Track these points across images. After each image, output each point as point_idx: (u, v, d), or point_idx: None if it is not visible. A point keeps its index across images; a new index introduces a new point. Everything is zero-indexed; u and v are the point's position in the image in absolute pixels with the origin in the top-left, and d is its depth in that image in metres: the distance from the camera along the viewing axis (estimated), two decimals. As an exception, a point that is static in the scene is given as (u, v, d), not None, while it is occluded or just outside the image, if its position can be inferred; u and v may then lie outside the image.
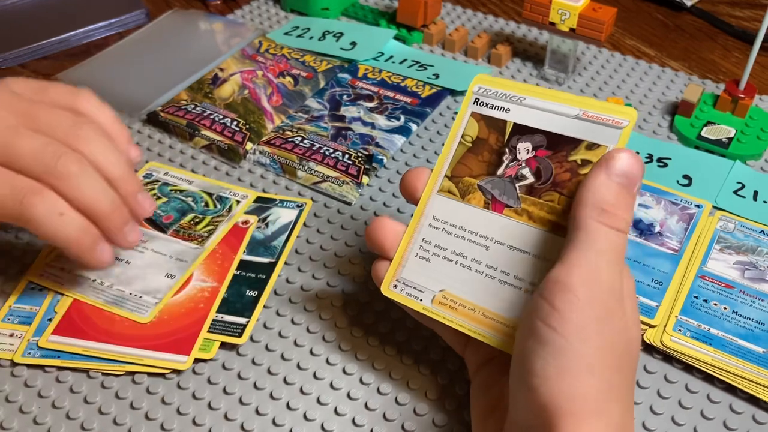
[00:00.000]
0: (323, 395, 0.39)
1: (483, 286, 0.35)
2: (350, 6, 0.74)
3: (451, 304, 0.36)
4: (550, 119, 0.36)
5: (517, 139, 0.36)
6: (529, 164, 0.36)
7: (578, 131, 0.35)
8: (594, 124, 0.35)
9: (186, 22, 0.71)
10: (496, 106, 0.37)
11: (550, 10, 0.59)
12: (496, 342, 0.34)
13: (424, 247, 0.37)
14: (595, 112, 0.35)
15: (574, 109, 0.35)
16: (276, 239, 0.48)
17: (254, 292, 0.44)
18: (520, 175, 0.36)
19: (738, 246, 0.46)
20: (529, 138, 0.36)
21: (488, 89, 0.38)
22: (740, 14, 0.74)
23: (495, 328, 0.34)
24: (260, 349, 0.42)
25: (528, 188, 0.35)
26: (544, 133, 0.36)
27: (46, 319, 0.42)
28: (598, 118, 0.34)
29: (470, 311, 0.35)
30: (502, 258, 0.35)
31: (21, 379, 0.40)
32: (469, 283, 0.36)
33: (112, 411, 0.39)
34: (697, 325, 0.42)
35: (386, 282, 0.38)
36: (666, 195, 0.50)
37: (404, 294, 0.37)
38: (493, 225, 0.36)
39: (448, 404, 0.39)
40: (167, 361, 0.40)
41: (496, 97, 0.37)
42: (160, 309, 0.43)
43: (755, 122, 0.57)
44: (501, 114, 0.37)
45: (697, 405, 0.39)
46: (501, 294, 0.35)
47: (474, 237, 0.36)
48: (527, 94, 0.37)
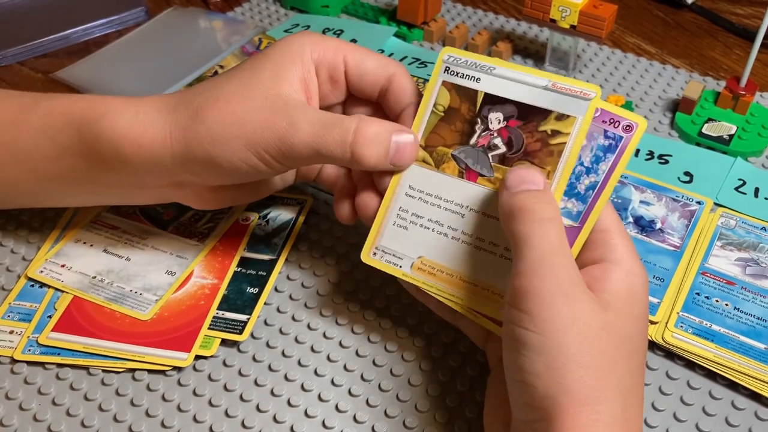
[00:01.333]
0: (324, 392, 0.39)
1: (459, 252, 0.37)
2: (350, 3, 0.73)
3: (429, 269, 0.37)
4: (521, 90, 0.37)
5: (489, 109, 0.37)
6: (500, 134, 0.37)
7: (548, 102, 0.36)
8: (563, 95, 0.36)
9: (186, 20, 0.71)
10: (467, 75, 0.38)
11: (550, 7, 0.59)
12: (474, 305, 0.36)
13: (402, 215, 0.38)
14: (564, 83, 0.36)
15: (543, 80, 0.36)
16: (277, 236, 0.48)
17: (255, 289, 0.44)
18: (493, 145, 0.37)
19: (739, 243, 0.46)
20: (501, 108, 0.37)
21: (458, 58, 0.38)
22: (741, 11, 0.74)
23: (472, 291, 0.36)
24: (261, 346, 0.42)
25: (500, 157, 0.37)
26: (515, 104, 0.37)
27: (46, 316, 0.42)
28: (567, 90, 0.36)
29: (448, 276, 0.37)
30: (477, 225, 0.37)
31: (21, 376, 0.40)
32: (446, 250, 0.37)
33: (112, 408, 0.39)
34: (698, 322, 0.42)
35: (366, 250, 0.39)
36: (667, 192, 0.50)
37: (384, 261, 0.38)
38: (468, 193, 0.37)
39: (450, 401, 0.39)
40: (168, 358, 0.40)
41: (467, 66, 0.38)
42: (161, 306, 0.43)
43: (756, 119, 0.57)
44: (472, 83, 0.38)
45: (699, 402, 0.39)
46: (477, 259, 0.36)
47: (450, 205, 0.37)
48: (497, 64, 0.37)
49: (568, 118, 0.35)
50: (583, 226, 0.35)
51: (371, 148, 0.36)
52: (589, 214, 0.35)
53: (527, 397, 0.30)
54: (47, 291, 0.44)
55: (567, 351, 0.29)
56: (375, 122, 0.37)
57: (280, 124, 0.36)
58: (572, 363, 0.29)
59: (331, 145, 0.36)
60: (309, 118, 0.36)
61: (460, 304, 0.37)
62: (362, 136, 0.36)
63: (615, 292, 0.32)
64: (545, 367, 0.29)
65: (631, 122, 0.35)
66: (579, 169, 0.35)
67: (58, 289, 0.44)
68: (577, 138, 0.35)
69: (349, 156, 0.36)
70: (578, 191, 0.35)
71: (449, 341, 0.42)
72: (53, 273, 0.45)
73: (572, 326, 0.29)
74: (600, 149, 0.35)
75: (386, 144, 0.37)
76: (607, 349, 0.30)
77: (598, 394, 0.29)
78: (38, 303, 0.43)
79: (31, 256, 0.47)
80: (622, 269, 0.33)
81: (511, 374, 0.31)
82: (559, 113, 0.36)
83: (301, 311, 0.44)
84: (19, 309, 0.43)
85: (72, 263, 0.45)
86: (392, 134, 0.37)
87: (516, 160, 0.36)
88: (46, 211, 0.50)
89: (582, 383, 0.29)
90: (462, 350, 0.41)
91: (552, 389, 0.29)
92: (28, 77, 0.65)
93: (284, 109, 0.36)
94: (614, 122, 0.35)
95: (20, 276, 0.45)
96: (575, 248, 0.34)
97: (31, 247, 0.47)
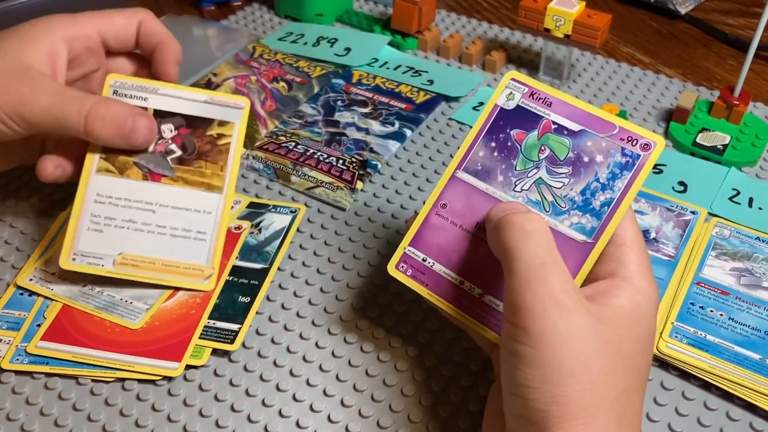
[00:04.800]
0: (316, 402, 0.39)
1: (157, 242, 0.43)
2: (345, 12, 0.73)
3: (132, 262, 0.42)
4: (186, 105, 0.45)
5: (160, 122, 0.44)
6: (174, 141, 0.44)
7: (210, 113, 0.45)
8: (221, 107, 0.45)
9: (179, 28, 0.71)
10: (135, 96, 0.44)
11: (544, 17, 0.59)
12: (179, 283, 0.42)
13: (94, 220, 0.43)
14: (221, 97, 0.45)
15: (203, 96, 0.45)
16: (269, 245, 0.47)
17: (247, 298, 0.44)
18: (169, 150, 0.44)
19: (734, 252, 0.46)
20: (170, 120, 0.44)
21: (124, 82, 0.44)
22: (734, 22, 0.74)
23: (176, 272, 0.42)
24: (252, 355, 0.41)
25: (178, 160, 0.44)
26: (183, 116, 0.45)
27: (35, 324, 0.42)
28: (224, 102, 0.45)
29: (150, 264, 0.42)
30: (169, 217, 0.43)
31: (8, 386, 0.39)
32: (145, 242, 0.43)
33: (101, 418, 0.38)
34: (693, 332, 0.41)
35: (63, 259, 0.42)
36: (661, 201, 0.50)
37: (85, 263, 0.42)
38: (155, 192, 0.43)
39: (442, 411, 0.39)
40: (158, 368, 0.40)
41: (133, 88, 0.44)
42: (151, 315, 0.42)
43: (750, 129, 0.57)
44: (140, 102, 0.44)
45: (694, 413, 0.39)
46: (174, 245, 0.43)
47: (140, 205, 0.43)
48: (160, 85, 0.44)
49: (228, 123, 0.45)
50: (597, 242, 0.34)
51: (105, 123, 0.41)
52: (603, 230, 0.34)
53: (521, 410, 0.30)
54: (36, 299, 0.43)
55: (562, 365, 0.29)
56: (113, 103, 0.42)
57: (23, 90, 0.40)
58: (567, 378, 0.29)
59: (68, 115, 0.40)
60: (51, 89, 0.41)
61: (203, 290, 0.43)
62: (97, 111, 0.41)
63: (618, 309, 0.31)
64: (540, 381, 0.29)
65: (649, 141, 0.35)
66: (594, 185, 0.35)
67: (48, 297, 0.43)
68: (238, 138, 0.45)
69: (83, 128, 0.41)
70: (593, 207, 0.35)
71: (442, 351, 0.41)
72: (42, 282, 0.44)
73: (568, 340, 0.29)
74: (617, 166, 0.35)
75: (120, 123, 0.41)
76: (604, 365, 0.29)
77: (592, 409, 0.29)
78: (27, 312, 0.43)
79: (20, 265, 0.46)
80: (631, 287, 0.32)
81: (507, 387, 0.31)
82: (220, 120, 0.45)
83: (293, 321, 0.43)
84: (8, 318, 0.42)
85: (62, 271, 0.44)
86: (129, 117, 0.42)
87: (193, 160, 0.44)
88: (37, 219, 0.49)
89: (576, 398, 0.29)
90: (456, 359, 0.41)
91: (545, 403, 0.29)
92: (20, 84, 0.64)
93: (27, 77, 0.41)
94: (632, 140, 0.35)
95: (9, 284, 0.45)
96: (588, 264, 0.34)
97: (21, 255, 0.47)
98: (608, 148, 0.35)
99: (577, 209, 0.35)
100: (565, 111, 0.36)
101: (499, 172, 0.37)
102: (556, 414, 0.29)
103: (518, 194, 0.36)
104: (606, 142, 0.35)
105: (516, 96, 0.38)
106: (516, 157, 0.37)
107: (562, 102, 0.37)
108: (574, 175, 0.35)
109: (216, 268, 0.42)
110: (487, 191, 0.37)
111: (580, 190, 0.35)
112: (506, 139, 0.37)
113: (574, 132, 0.36)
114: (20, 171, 0.54)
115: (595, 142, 0.36)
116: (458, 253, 0.37)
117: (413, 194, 0.52)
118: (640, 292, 0.32)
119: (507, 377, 0.31)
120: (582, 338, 0.29)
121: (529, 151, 0.37)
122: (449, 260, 0.37)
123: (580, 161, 0.36)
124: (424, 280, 0.38)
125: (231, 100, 0.45)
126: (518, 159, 0.37)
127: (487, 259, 0.36)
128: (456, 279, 0.37)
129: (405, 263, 0.38)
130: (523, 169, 0.36)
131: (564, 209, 0.35)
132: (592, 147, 0.36)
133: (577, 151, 0.36)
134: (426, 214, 0.38)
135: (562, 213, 0.35)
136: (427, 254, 0.38)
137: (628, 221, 0.34)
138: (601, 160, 0.35)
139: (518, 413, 0.30)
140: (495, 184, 0.37)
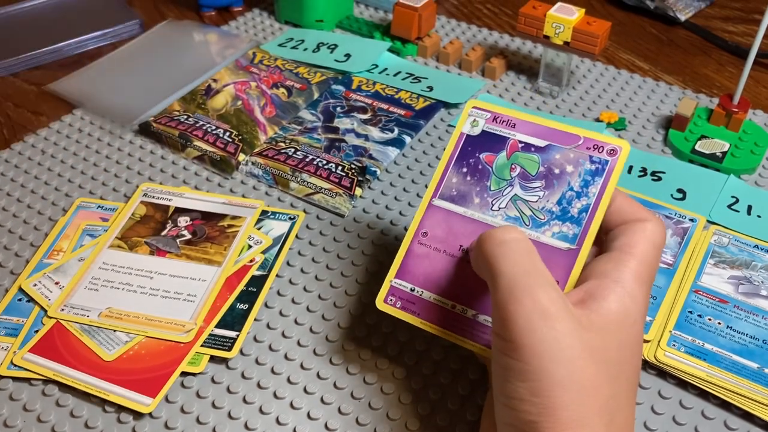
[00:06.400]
0: (313, 410, 0.39)
1: (147, 301, 0.44)
2: (345, 18, 0.74)
3: (117, 316, 0.43)
4: (205, 204, 0.51)
5: (178, 215, 0.49)
6: (187, 229, 0.48)
7: (225, 210, 0.50)
8: (237, 206, 0.50)
9: (180, 33, 0.71)
10: (161, 197, 0.51)
11: (544, 24, 0.59)
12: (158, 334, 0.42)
13: (93, 281, 0.45)
14: (236, 201, 0.51)
15: (221, 199, 0.51)
16: (267, 252, 0.47)
17: (245, 306, 0.44)
18: (180, 235, 0.48)
19: (732, 260, 0.46)
20: (188, 213, 0.50)
21: (154, 189, 0.52)
22: (733, 29, 0.74)
23: (157, 325, 0.43)
24: (250, 362, 0.41)
25: (187, 242, 0.48)
26: (200, 212, 0.50)
27: (33, 331, 0.42)
28: (239, 204, 0.50)
29: (135, 318, 0.43)
30: (165, 282, 0.45)
31: (6, 392, 0.40)
32: (135, 300, 0.44)
33: (98, 425, 0.38)
34: (691, 340, 0.41)
35: (54, 307, 0.43)
36: (660, 209, 0.50)
37: (72, 313, 0.43)
38: (157, 264, 0.46)
39: (440, 419, 0.39)
40: (130, 400, 0.39)
41: (160, 192, 0.52)
42: (126, 350, 0.41)
43: (749, 136, 0.57)
44: (165, 201, 0.51)
45: (692, 421, 0.39)
46: (162, 304, 0.44)
47: (140, 272, 0.46)
48: (184, 191, 0.51)
49: (241, 218, 0.49)
50: (581, 247, 0.35)
51: None
52: (585, 234, 0.35)
53: (513, 420, 0.30)
54: (35, 306, 0.43)
55: (550, 376, 0.29)
56: None
57: None
58: (556, 388, 0.29)
59: None
60: None
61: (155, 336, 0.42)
62: None
63: (605, 314, 0.31)
64: (529, 392, 0.29)
65: (615, 147, 0.36)
66: (569, 194, 0.36)
67: (42, 307, 0.43)
68: (247, 227, 0.48)
69: None
70: (572, 215, 0.36)
71: (439, 359, 0.41)
72: (44, 289, 0.44)
73: (554, 350, 0.29)
74: (588, 173, 0.36)
75: None
76: (590, 373, 0.29)
77: (581, 417, 0.29)
78: (25, 318, 0.43)
79: (19, 270, 0.46)
80: (621, 290, 0.32)
81: (498, 398, 0.31)
82: (234, 215, 0.49)
83: (291, 328, 0.43)
84: (6, 324, 0.42)
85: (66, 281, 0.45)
86: None
87: (200, 242, 0.48)
88: (38, 226, 0.50)
89: (565, 407, 0.29)
90: (452, 367, 0.41)
91: (535, 414, 0.29)
92: (21, 89, 0.65)
93: None
94: (598, 148, 0.37)
95: (8, 290, 0.45)
96: (576, 269, 0.35)
97: (20, 261, 0.47)
98: (577, 158, 0.37)
99: (557, 219, 0.36)
100: (529, 130, 0.38)
101: (475, 194, 0.38)
102: (545, 424, 0.29)
103: (497, 212, 0.37)
104: (573, 152, 0.37)
105: (480, 122, 0.39)
106: (489, 178, 0.38)
107: (525, 122, 0.38)
108: (548, 187, 0.37)
109: (198, 323, 0.42)
110: (466, 214, 0.38)
111: (557, 200, 0.36)
112: (477, 163, 0.38)
113: (541, 148, 0.37)
114: (20, 174, 0.54)
115: (563, 154, 0.37)
116: (446, 278, 0.38)
117: (412, 201, 0.52)
118: (631, 296, 0.32)
119: (498, 389, 0.31)
120: (568, 347, 0.29)
121: (501, 170, 0.38)
122: (438, 286, 0.38)
123: (552, 174, 0.37)
124: (415, 310, 0.38)
125: (246, 203, 0.50)
126: (491, 180, 0.38)
127: (474, 279, 0.36)
128: (447, 304, 0.37)
129: (393, 296, 0.39)
130: (497, 189, 0.37)
131: (543, 221, 0.36)
132: (561, 159, 0.37)
133: (547, 165, 0.37)
134: (408, 244, 0.39)
135: (542, 225, 0.36)
136: (414, 284, 0.38)
137: (642, 238, 0.34)
138: (571, 170, 0.36)
139: (509, 423, 0.30)
140: (472, 206, 0.38)
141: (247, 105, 0.60)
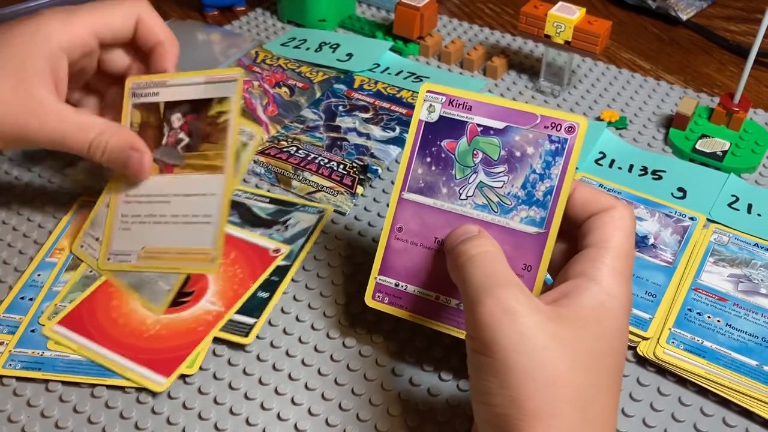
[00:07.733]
0: (327, 391, 0.39)
1: (173, 232, 0.44)
2: (347, 18, 0.74)
3: (154, 255, 0.44)
4: (188, 90, 0.47)
5: (170, 113, 0.47)
6: (182, 129, 0.46)
7: (208, 93, 0.46)
8: (217, 84, 0.46)
9: (183, 33, 0.71)
10: (148, 93, 0.47)
11: (545, 23, 0.59)
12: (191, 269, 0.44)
13: (123, 219, 0.46)
14: (214, 74, 0.46)
15: (201, 78, 0.47)
16: (293, 242, 0.48)
17: (266, 294, 0.44)
18: (179, 139, 0.46)
19: (732, 259, 0.46)
20: (178, 109, 0.47)
21: (140, 83, 0.48)
22: (735, 28, 0.74)
23: (193, 259, 0.43)
24: (252, 359, 0.42)
25: (187, 147, 0.46)
26: (188, 102, 0.46)
27: (29, 330, 0.42)
28: (218, 78, 0.46)
29: (166, 254, 0.44)
30: (182, 205, 0.45)
31: (10, 388, 0.40)
32: (163, 234, 0.45)
33: (101, 420, 0.38)
34: (690, 338, 0.42)
35: (101, 259, 0.45)
36: (660, 207, 0.50)
37: (117, 261, 0.45)
38: (169, 184, 0.46)
39: (440, 415, 0.39)
40: (145, 378, 0.40)
41: (147, 86, 0.47)
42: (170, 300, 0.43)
43: (750, 135, 0.57)
44: (153, 98, 0.47)
45: (691, 418, 0.39)
46: (185, 231, 0.44)
47: (158, 198, 0.46)
48: (168, 77, 0.47)
49: (226, 99, 0.46)
50: (549, 230, 0.36)
51: (105, 155, 0.44)
52: (552, 217, 0.36)
53: (488, 416, 0.31)
54: (33, 303, 0.44)
55: (517, 369, 0.29)
56: (114, 135, 0.44)
57: (31, 123, 0.42)
58: (521, 378, 0.29)
59: (72, 145, 0.44)
60: (58, 117, 0.43)
61: None
62: (98, 144, 0.44)
63: (576, 307, 0.31)
64: (498, 386, 0.30)
65: (572, 123, 0.36)
66: (533, 177, 0.36)
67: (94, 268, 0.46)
68: (236, 111, 0.45)
69: (86, 155, 0.44)
70: (537, 198, 0.36)
71: (441, 356, 0.42)
72: (90, 249, 0.46)
73: (518, 342, 0.30)
74: (548, 154, 0.36)
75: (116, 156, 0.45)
76: (558, 363, 0.30)
77: (550, 408, 0.29)
78: (24, 315, 0.43)
79: (23, 267, 0.47)
80: (597, 287, 0.32)
81: (473, 395, 0.32)
82: (219, 98, 0.46)
83: (291, 325, 0.43)
84: (8, 322, 0.43)
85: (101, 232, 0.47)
86: (125, 150, 0.45)
87: (198, 144, 0.46)
88: (42, 223, 0.50)
89: (532, 398, 0.29)
90: (454, 365, 0.41)
91: (505, 407, 0.30)
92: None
93: (33, 106, 0.42)
94: (556, 126, 0.36)
95: (11, 287, 0.45)
96: (547, 252, 0.36)
97: (24, 258, 0.47)
98: (536, 139, 0.36)
99: (523, 204, 0.36)
100: (486, 111, 0.37)
101: (442, 184, 0.38)
102: (515, 416, 0.29)
103: (465, 201, 0.37)
104: (532, 133, 0.37)
105: (436, 107, 0.38)
106: (453, 166, 0.38)
107: (481, 103, 0.38)
108: (511, 171, 0.37)
109: (220, 248, 0.43)
110: (436, 205, 0.38)
111: (521, 184, 0.36)
112: (439, 151, 0.38)
113: (499, 130, 0.37)
114: (20, 173, 0.54)
115: (522, 135, 0.37)
116: (426, 271, 0.38)
117: (413, 199, 0.53)
118: (606, 292, 0.32)
119: (473, 387, 0.32)
120: (532, 338, 0.30)
121: (463, 157, 0.38)
122: (420, 279, 0.38)
123: (513, 157, 0.37)
124: (402, 304, 0.39)
125: (225, 75, 0.46)
126: (455, 168, 0.38)
127: None
128: (431, 296, 0.38)
129: (380, 292, 0.39)
130: (462, 177, 0.37)
131: (511, 206, 0.36)
132: (520, 141, 0.37)
133: (508, 148, 0.37)
134: (386, 240, 0.39)
135: (510, 210, 0.36)
136: (398, 279, 0.39)
137: (613, 229, 0.34)
138: (532, 151, 0.36)
139: (485, 419, 0.31)
140: (441, 197, 0.38)
141: (249, 104, 0.60)
